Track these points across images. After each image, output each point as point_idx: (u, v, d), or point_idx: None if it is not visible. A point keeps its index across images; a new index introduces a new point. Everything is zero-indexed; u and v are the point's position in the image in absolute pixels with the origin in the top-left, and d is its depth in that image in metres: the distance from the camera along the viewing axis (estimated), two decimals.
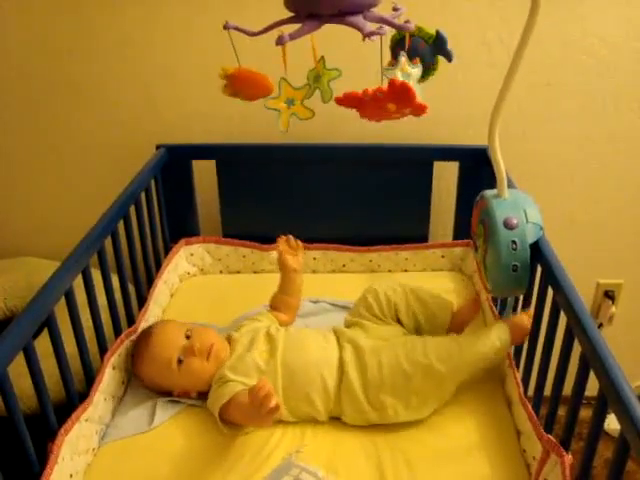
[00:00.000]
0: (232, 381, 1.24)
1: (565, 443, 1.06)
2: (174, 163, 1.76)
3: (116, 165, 1.85)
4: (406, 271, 1.82)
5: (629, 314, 2.07)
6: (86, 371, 1.27)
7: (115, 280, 1.43)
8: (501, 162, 1.25)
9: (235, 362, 1.29)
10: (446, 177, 1.82)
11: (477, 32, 1.70)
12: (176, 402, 1.32)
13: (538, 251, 1.21)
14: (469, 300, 1.49)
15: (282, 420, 1.25)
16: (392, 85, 0.98)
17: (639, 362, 1.89)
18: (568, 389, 1.11)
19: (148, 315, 1.52)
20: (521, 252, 1.20)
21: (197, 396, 1.32)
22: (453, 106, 1.77)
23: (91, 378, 1.27)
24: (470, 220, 1.44)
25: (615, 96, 1.77)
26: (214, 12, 1.66)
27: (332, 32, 1.04)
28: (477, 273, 1.68)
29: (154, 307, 1.58)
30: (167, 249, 1.79)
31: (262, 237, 1.81)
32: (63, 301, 1.17)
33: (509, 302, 1.38)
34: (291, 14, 1.01)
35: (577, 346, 1.06)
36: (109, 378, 1.30)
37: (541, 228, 1.23)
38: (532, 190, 1.32)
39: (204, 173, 1.81)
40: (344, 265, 1.83)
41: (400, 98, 1.00)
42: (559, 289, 1.12)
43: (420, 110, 1.03)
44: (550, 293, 1.18)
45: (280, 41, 0.94)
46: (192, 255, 1.83)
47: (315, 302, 1.62)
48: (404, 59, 1.01)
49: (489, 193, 1.31)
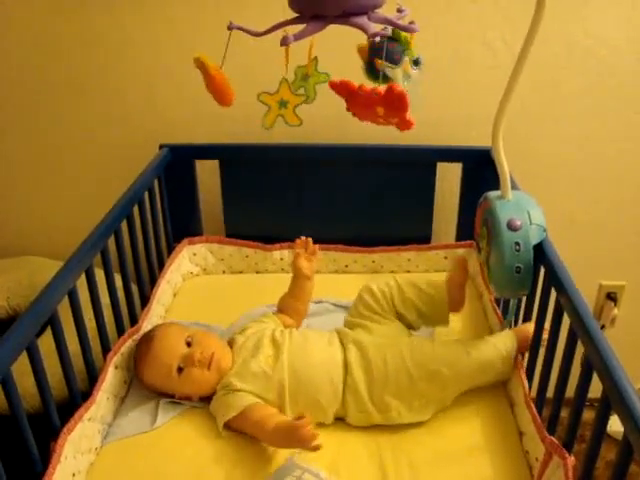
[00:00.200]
0: (240, 390, 1.24)
1: (568, 445, 1.06)
2: (177, 163, 1.76)
3: (119, 165, 1.85)
4: (409, 272, 1.82)
5: (631, 316, 2.07)
6: (89, 370, 1.28)
7: (118, 279, 1.43)
8: (505, 163, 1.25)
9: (241, 368, 1.28)
10: (449, 178, 1.82)
11: (480, 32, 1.70)
12: (178, 403, 1.32)
13: (541, 252, 1.21)
14: (453, 261, 1.45)
15: None
16: (390, 90, 0.97)
17: None
18: (570, 391, 1.11)
19: (151, 315, 1.52)
20: (524, 254, 1.20)
21: (199, 400, 1.32)
22: (456, 107, 1.77)
23: (94, 377, 1.27)
24: (473, 221, 1.44)
25: (617, 97, 1.77)
26: (217, 11, 1.66)
27: (333, 33, 1.05)
28: (480, 274, 1.68)
29: (157, 307, 1.58)
30: (170, 249, 1.79)
31: (265, 237, 1.81)
32: (66, 300, 1.17)
33: (512, 303, 1.38)
34: (295, 15, 1.01)
35: (579, 348, 1.06)
36: (112, 377, 1.30)
37: (544, 230, 1.23)
38: (534, 191, 1.32)
39: (207, 173, 1.81)
40: (347, 266, 1.83)
41: (393, 106, 0.99)
42: (562, 291, 1.12)
43: (406, 125, 1.01)
44: (553, 295, 1.18)
45: (285, 42, 0.94)
46: (195, 255, 1.83)
47: (318, 302, 1.62)
48: (407, 59, 1.00)
49: (492, 194, 1.31)
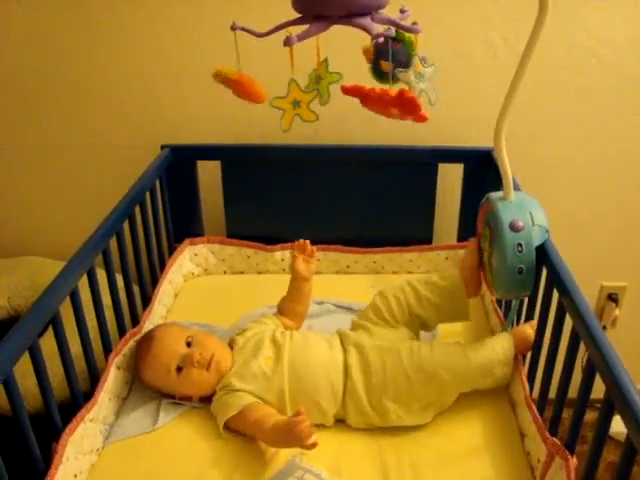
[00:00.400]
0: (239, 390, 1.24)
1: (569, 446, 1.06)
2: (179, 163, 1.76)
3: (121, 165, 1.85)
4: (410, 273, 1.82)
5: (633, 317, 2.07)
6: (90, 371, 1.27)
7: (119, 280, 1.43)
8: (507, 164, 1.24)
9: (241, 369, 1.28)
10: (450, 179, 1.82)
11: (481, 32, 1.70)
12: (180, 403, 1.32)
13: (544, 254, 1.21)
14: (465, 245, 1.47)
15: None
16: (401, 95, 0.98)
17: None
18: (571, 392, 1.11)
19: (152, 315, 1.52)
20: (527, 255, 1.19)
21: (199, 400, 1.32)
22: (457, 107, 1.77)
23: (95, 378, 1.27)
24: (474, 222, 1.44)
25: (618, 97, 1.77)
26: (220, 12, 1.66)
27: (338, 33, 1.05)
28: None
29: (158, 307, 1.58)
30: (171, 249, 1.79)
31: (266, 238, 1.81)
32: (67, 301, 1.17)
33: (514, 305, 1.38)
34: (298, 15, 1.01)
35: (581, 348, 1.06)
36: (113, 378, 1.30)
37: (547, 231, 1.23)
38: (535, 192, 1.32)
39: (209, 174, 1.81)
40: (348, 266, 1.83)
41: (406, 108, 1.00)
42: (565, 292, 1.12)
43: (421, 120, 1.02)
44: (555, 296, 1.18)
45: (288, 42, 0.94)
46: (196, 255, 1.83)
47: (320, 303, 1.62)
48: (417, 59, 1.00)
49: (495, 195, 1.30)
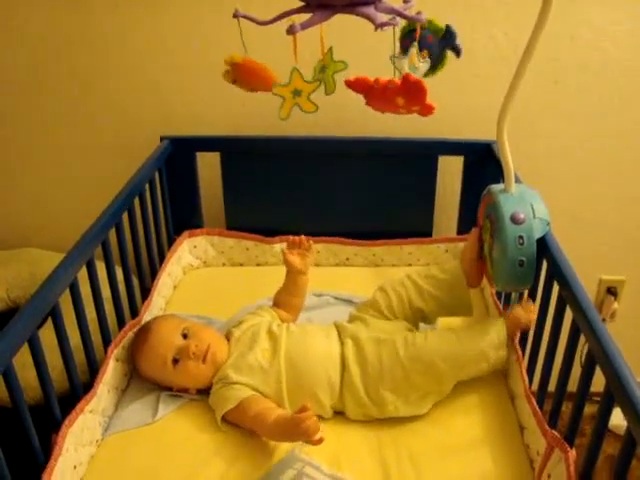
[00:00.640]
0: (236, 383, 1.24)
1: (569, 439, 1.06)
2: (178, 155, 1.75)
3: (120, 156, 1.84)
4: (410, 265, 1.81)
5: (631, 310, 2.07)
6: (90, 363, 1.27)
7: (118, 272, 1.42)
8: (509, 157, 1.24)
9: (238, 361, 1.28)
10: (450, 171, 1.82)
11: (483, 26, 1.69)
12: (179, 396, 1.31)
13: (544, 246, 1.21)
14: (465, 238, 1.48)
15: None
16: (406, 80, 0.97)
17: None
18: (571, 385, 1.11)
19: (152, 307, 1.52)
20: (528, 247, 1.19)
21: (196, 392, 1.31)
22: (458, 100, 1.77)
23: (95, 370, 1.27)
24: (474, 215, 1.44)
25: (621, 93, 1.76)
26: (221, 1, 1.65)
27: (342, 22, 1.04)
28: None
29: (158, 299, 1.57)
30: (170, 241, 1.79)
31: (266, 230, 1.81)
32: (66, 293, 1.16)
33: (513, 297, 1.38)
34: (302, 3, 1.00)
35: (580, 342, 1.06)
36: (112, 370, 1.30)
37: (548, 223, 1.23)
38: (535, 186, 1.31)
39: (208, 165, 1.80)
40: (347, 259, 1.83)
41: (412, 94, 0.99)
42: (565, 284, 1.12)
43: (428, 110, 1.02)
44: (555, 288, 1.18)
45: (291, 30, 0.93)
46: (195, 247, 1.82)
47: (319, 295, 1.62)
48: (414, 51, 1.00)
49: (496, 188, 1.30)
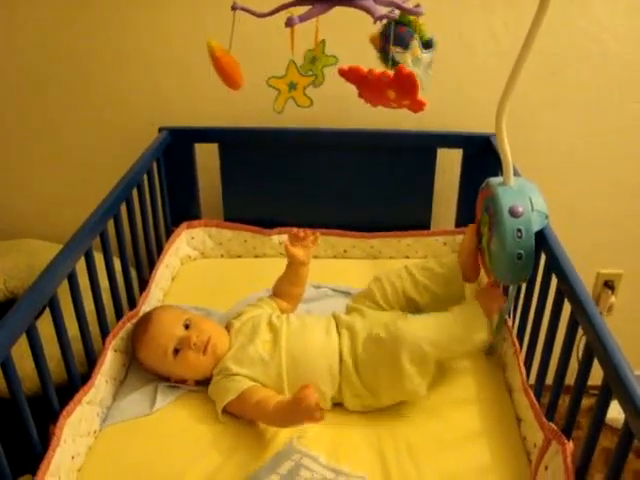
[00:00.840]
0: (237, 374, 1.24)
1: (566, 431, 1.06)
2: (176, 146, 1.75)
3: (118, 147, 1.84)
4: (407, 257, 1.82)
5: (629, 304, 2.08)
6: (88, 354, 1.27)
7: (117, 263, 1.42)
8: (508, 150, 1.24)
9: (238, 353, 1.28)
10: (449, 164, 1.81)
11: (482, 18, 1.69)
12: (177, 387, 1.32)
13: (543, 239, 1.21)
14: (464, 231, 1.49)
15: None
16: (399, 73, 0.96)
17: (638, 351, 1.89)
18: (568, 378, 1.12)
19: (150, 298, 1.52)
20: (526, 240, 1.19)
21: (194, 384, 1.32)
22: (457, 92, 1.77)
23: (92, 361, 1.27)
24: (473, 207, 1.44)
25: (620, 86, 1.76)
26: None
27: (340, 16, 1.04)
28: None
29: (155, 290, 1.58)
30: (168, 232, 1.79)
31: (264, 221, 1.81)
32: (64, 285, 1.16)
33: (511, 290, 1.38)
34: None
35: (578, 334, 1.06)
36: (110, 361, 1.30)
37: (546, 216, 1.22)
38: (534, 179, 1.31)
39: (207, 156, 1.80)
40: (345, 251, 1.83)
41: (403, 88, 0.99)
42: (563, 277, 1.12)
43: (418, 106, 1.01)
44: (553, 281, 1.18)
45: (290, 23, 0.93)
46: (193, 239, 1.82)
47: (317, 287, 1.62)
48: (416, 43, 0.99)
49: (494, 180, 1.30)
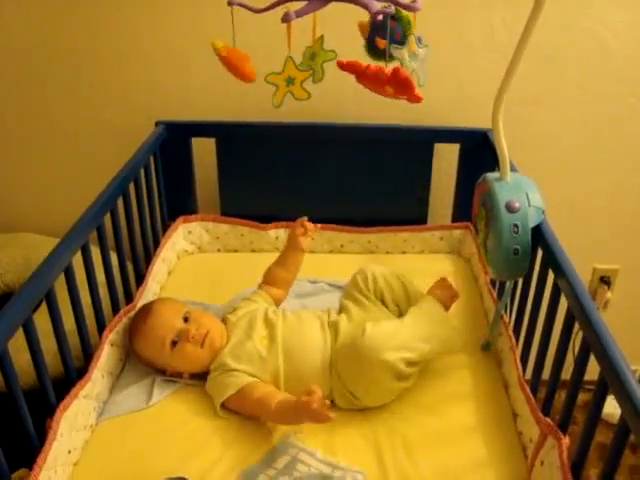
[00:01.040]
0: (235, 370, 1.25)
1: (562, 426, 1.07)
2: (173, 140, 1.74)
3: (115, 141, 1.83)
4: (404, 253, 1.82)
5: (625, 299, 2.08)
6: (84, 348, 1.27)
7: (113, 257, 1.42)
8: (504, 145, 1.24)
9: (236, 349, 1.29)
10: (446, 159, 1.81)
11: (480, 14, 1.68)
12: (174, 380, 1.32)
13: (539, 235, 1.21)
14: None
15: None
16: (395, 73, 0.97)
17: (634, 347, 1.90)
18: (564, 374, 1.12)
19: (146, 293, 1.52)
20: (522, 236, 1.19)
21: (189, 377, 1.32)
22: (454, 88, 1.76)
23: (89, 355, 1.27)
24: (469, 203, 1.44)
25: (617, 81, 1.76)
26: None
27: (337, 11, 1.03)
28: (475, 256, 1.69)
29: (152, 284, 1.57)
30: (165, 227, 1.78)
31: (261, 216, 1.81)
32: (60, 279, 1.16)
33: (508, 285, 1.38)
34: None
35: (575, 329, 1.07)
36: (107, 355, 1.30)
37: (543, 212, 1.23)
38: (530, 174, 1.31)
39: (203, 151, 1.80)
40: (342, 245, 1.83)
41: (400, 86, 0.99)
42: (560, 273, 1.12)
43: (415, 100, 1.02)
44: (550, 277, 1.19)
45: (286, 18, 0.93)
46: (190, 233, 1.82)
47: (314, 282, 1.63)
48: (412, 39, 0.99)
49: (491, 176, 1.30)
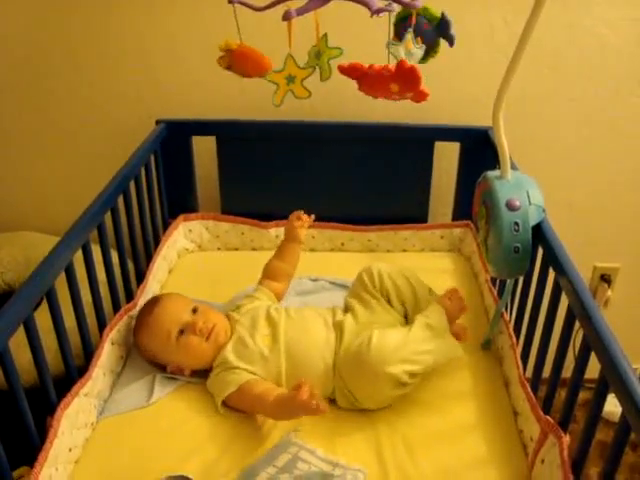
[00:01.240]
0: (237, 368, 1.25)
1: (562, 424, 1.07)
2: (174, 138, 1.74)
3: (116, 140, 1.83)
4: (405, 251, 1.82)
5: (625, 298, 2.09)
6: (85, 346, 1.27)
7: (114, 256, 1.42)
8: (505, 143, 1.24)
9: (238, 347, 1.29)
10: (447, 157, 1.81)
11: (481, 12, 1.68)
12: (175, 378, 1.32)
13: (540, 233, 1.21)
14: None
15: None
16: (400, 67, 0.97)
17: (635, 345, 1.90)
18: (565, 372, 1.12)
19: (147, 291, 1.52)
20: (523, 234, 1.19)
21: (190, 374, 1.32)
22: (455, 86, 1.76)
23: (90, 353, 1.27)
24: (470, 201, 1.44)
25: (617, 80, 1.76)
26: None
27: (338, 8, 1.03)
28: (475, 254, 1.69)
29: (153, 283, 1.57)
30: (166, 225, 1.78)
31: (261, 214, 1.81)
32: (61, 277, 1.16)
33: (508, 284, 1.38)
34: None
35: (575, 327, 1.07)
36: (108, 353, 1.30)
37: (543, 210, 1.23)
38: (531, 173, 1.31)
39: (204, 149, 1.80)
40: (343, 244, 1.83)
41: (406, 81, 0.99)
42: (561, 271, 1.12)
43: (421, 96, 1.02)
44: (551, 275, 1.19)
45: (287, 16, 0.93)
46: (190, 231, 1.82)
47: (314, 280, 1.63)
48: (410, 37, 0.99)
49: (492, 174, 1.30)
